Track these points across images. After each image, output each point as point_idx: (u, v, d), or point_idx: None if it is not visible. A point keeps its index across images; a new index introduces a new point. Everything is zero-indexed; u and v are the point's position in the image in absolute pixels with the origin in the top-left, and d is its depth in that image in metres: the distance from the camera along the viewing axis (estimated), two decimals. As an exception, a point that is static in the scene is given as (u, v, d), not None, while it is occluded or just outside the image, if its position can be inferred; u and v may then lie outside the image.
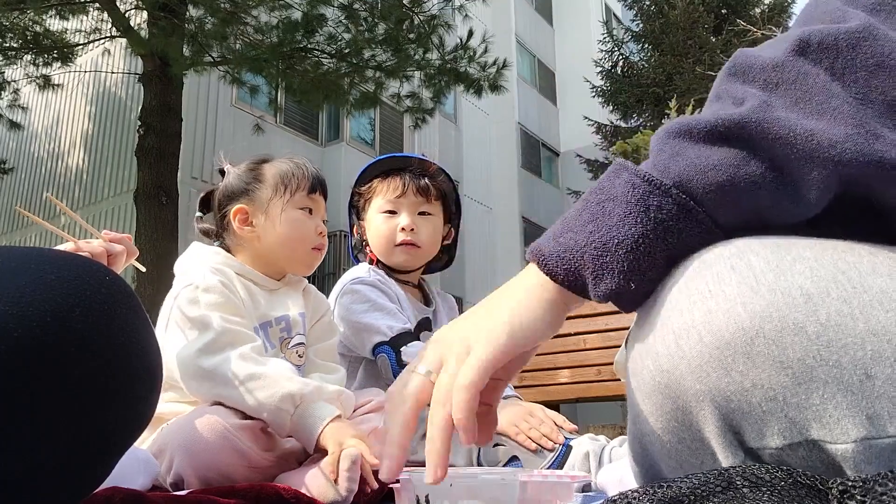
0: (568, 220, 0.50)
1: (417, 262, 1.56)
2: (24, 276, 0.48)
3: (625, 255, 0.46)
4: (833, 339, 0.39)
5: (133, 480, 0.87)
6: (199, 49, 5.68)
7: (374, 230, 1.53)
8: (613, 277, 0.47)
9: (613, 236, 0.47)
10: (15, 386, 0.44)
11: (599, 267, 0.47)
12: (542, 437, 1.19)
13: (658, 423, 0.47)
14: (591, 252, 0.47)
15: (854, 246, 0.43)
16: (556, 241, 0.50)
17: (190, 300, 1.12)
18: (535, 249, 0.51)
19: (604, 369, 2.46)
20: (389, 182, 1.52)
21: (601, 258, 0.47)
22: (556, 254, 0.49)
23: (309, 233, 1.28)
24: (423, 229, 1.51)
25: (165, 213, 5.47)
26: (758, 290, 0.41)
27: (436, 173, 1.56)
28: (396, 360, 1.33)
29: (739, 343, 0.41)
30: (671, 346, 0.44)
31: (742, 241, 0.45)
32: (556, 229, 0.51)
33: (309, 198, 1.30)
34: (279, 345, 1.24)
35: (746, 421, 0.42)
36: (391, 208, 1.51)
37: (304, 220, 1.28)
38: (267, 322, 1.24)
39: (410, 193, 1.50)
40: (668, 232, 0.46)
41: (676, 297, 0.45)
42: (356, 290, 1.45)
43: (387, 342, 1.35)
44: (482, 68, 6.39)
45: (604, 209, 0.48)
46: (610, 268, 0.47)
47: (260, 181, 1.29)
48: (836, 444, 0.39)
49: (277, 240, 1.26)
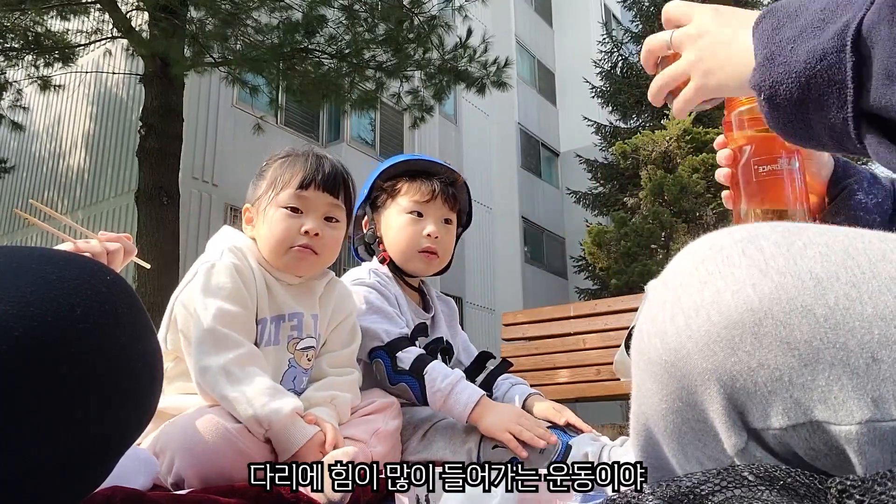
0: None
1: (432, 271, 1.54)
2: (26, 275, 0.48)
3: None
4: (841, 323, 0.39)
5: (133, 480, 0.87)
6: (200, 50, 5.68)
7: (397, 230, 1.49)
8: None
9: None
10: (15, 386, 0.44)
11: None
12: (534, 437, 1.20)
13: (663, 403, 0.47)
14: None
15: (865, 233, 0.44)
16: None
17: (204, 275, 1.13)
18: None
19: (603, 369, 2.46)
20: (419, 185, 1.49)
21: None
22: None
23: (289, 233, 1.20)
24: (445, 239, 1.50)
25: (166, 213, 5.47)
26: (767, 273, 0.41)
27: (462, 185, 1.57)
28: (392, 365, 1.32)
29: (747, 323, 0.41)
30: (680, 325, 0.44)
31: (753, 226, 0.45)
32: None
33: (297, 194, 1.21)
34: (287, 343, 1.22)
35: (751, 401, 0.42)
36: (417, 211, 1.48)
37: (283, 220, 1.20)
38: (280, 316, 1.22)
39: (439, 200, 1.48)
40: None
41: (687, 278, 0.45)
42: (355, 291, 1.45)
43: (383, 347, 1.34)
44: (483, 67, 6.39)
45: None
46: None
47: (262, 179, 1.27)
48: (840, 426, 0.39)
49: (262, 241, 1.23)
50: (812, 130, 0.51)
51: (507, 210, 13.91)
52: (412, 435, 1.36)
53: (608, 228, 11.00)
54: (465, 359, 1.62)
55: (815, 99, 0.49)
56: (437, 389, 1.27)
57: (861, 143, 0.49)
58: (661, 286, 0.48)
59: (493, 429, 1.23)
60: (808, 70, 0.49)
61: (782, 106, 0.52)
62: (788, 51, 0.51)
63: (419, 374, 1.29)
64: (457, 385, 1.27)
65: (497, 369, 1.57)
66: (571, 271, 13.93)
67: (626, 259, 10.29)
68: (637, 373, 0.50)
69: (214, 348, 1.08)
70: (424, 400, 1.29)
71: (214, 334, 1.08)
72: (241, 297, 1.14)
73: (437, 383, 1.27)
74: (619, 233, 10.51)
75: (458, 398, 1.26)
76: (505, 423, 1.22)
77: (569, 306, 2.77)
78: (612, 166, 12.50)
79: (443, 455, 1.30)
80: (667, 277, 0.48)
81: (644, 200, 10.66)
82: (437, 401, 1.27)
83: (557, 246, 15.27)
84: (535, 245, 14.56)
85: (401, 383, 1.31)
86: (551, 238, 15.16)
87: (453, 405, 1.26)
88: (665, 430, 0.48)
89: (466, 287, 11.69)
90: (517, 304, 12.53)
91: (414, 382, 1.29)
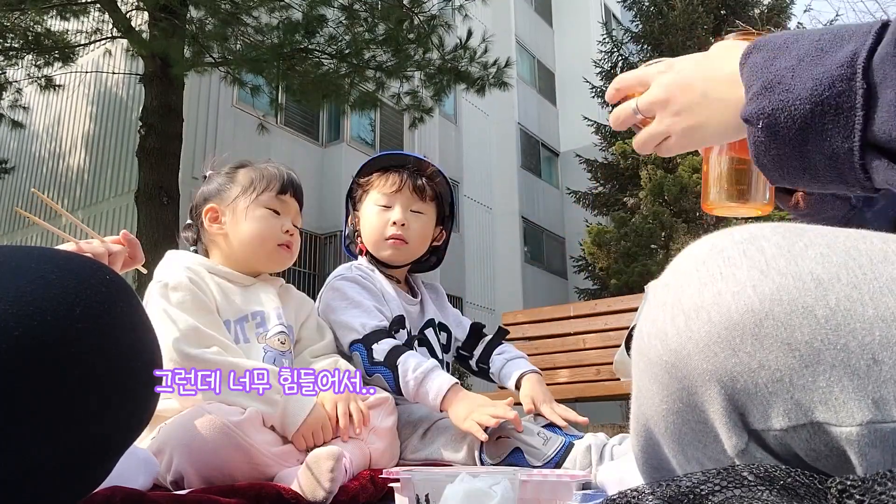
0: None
1: (403, 258, 1.58)
2: (25, 275, 0.48)
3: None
4: (841, 324, 0.39)
5: (133, 480, 0.87)
6: (200, 50, 5.67)
7: (367, 222, 1.56)
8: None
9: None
10: (14, 385, 0.44)
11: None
12: (489, 419, 1.21)
13: (663, 405, 0.47)
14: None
15: (866, 234, 0.44)
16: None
17: (160, 295, 1.17)
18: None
19: (603, 369, 2.46)
20: (388, 177, 1.55)
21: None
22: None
23: (273, 230, 1.31)
24: (413, 226, 1.54)
25: (166, 213, 5.47)
26: (768, 274, 0.41)
27: (433, 174, 1.59)
28: (368, 357, 1.35)
29: (748, 324, 0.41)
30: (680, 326, 0.44)
31: (755, 227, 0.45)
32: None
33: (277, 198, 1.33)
34: (255, 339, 1.27)
35: (752, 402, 0.42)
36: (385, 203, 1.54)
37: (268, 218, 1.32)
38: (243, 317, 1.27)
39: (406, 190, 1.53)
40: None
41: (687, 279, 0.45)
42: (336, 287, 1.48)
43: (360, 340, 1.37)
44: (483, 67, 6.39)
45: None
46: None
47: (232, 182, 1.35)
48: (841, 427, 0.39)
49: (242, 236, 1.31)
50: (807, 161, 0.50)
51: (507, 210, 13.91)
52: (412, 434, 1.36)
53: (608, 228, 11.00)
54: (461, 333, 1.66)
55: (818, 127, 0.49)
56: (409, 379, 1.29)
57: (865, 172, 0.48)
58: (661, 287, 0.48)
59: (456, 421, 1.25)
60: (814, 96, 0.48)
61: (782, 133, 0.50)
62: (790, 78, 0.50)
63: (393, 365, 1.31)
64: (429, 374, 1.28)
65: (493, 340, 1.61)
66: (571, 271, 13.92)
67: (626, 259, 10.29)
68: (637, 373, 0.50)
69: (196, 344, 1.12)
70: (399, 390, 1.31)
71: (193, 332, 1.13)
72: (206, 306, 1.20)
73: (409, 373, 1.29)
74: (619, 233, 10.51)
75: (429, 387, 1.27)
76: (466, 414, 1.23)
77: (569, 306, 2.78)
78: (612, 166, 12.50)
79: (443, 453, 1.30)
80: (667, 278, 0.48)
81: (644, 200, 10.66)
82: (409, 390, 1.29)
83: (557, 246, 15.27)
84: (534, 245, 14.56)
85: (376, 374, 1.33)
86: (551, 238, 15.16)
87: (425, 394, 1.28)
88: (665, 431, 0.48)
89: (466, 287, 11.69)
90: (517, 304, 12.53)
91: (388, 373, 1.32)
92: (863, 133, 0.47)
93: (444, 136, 11.69)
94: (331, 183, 8.97)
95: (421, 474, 0.78)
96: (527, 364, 1.55)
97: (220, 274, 1.30)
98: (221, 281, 1.29)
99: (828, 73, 0.48)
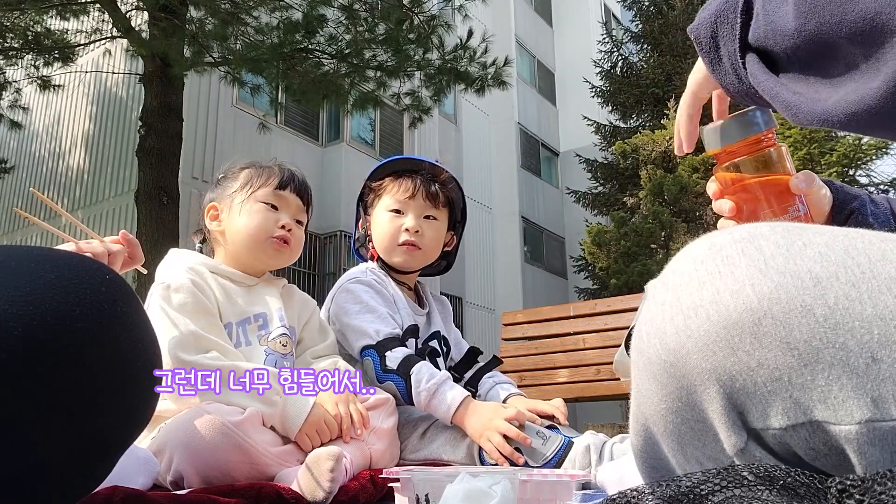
0: None
1: (416, 264, 1.57)
2: (25, 275, 0.48)
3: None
4: (840, 322, 0.39)
5: (133, 480, 0.87)
6: (200, 50, 5.66)
7: (380, 227, 1.55)
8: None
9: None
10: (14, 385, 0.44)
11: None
12: (513, 453, 1.21)
13: (662, 404, 0.47)
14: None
15: (865, 233, 0.44)
16: None
17: (162, 297, 1.17)
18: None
19: (602, 369, 2.46)
20: (401, 182, 1.54)
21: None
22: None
23: (266, 223, 1.30)
24: (426, 233, 1.53)
25: (166, 213, 5.47)
26: (767, 273, 0.42)
27: (447, 180, 1.58)
28: (380, 364, 1.34)
29: (747, 323, 0.41)
30: (679, 324, 0.44)
31: (753, 226, 0.46)
32: None
33: (275, 193, 1.33)
34: (257, 341, 1.26)
35: (751, 401, 0.42)
36: (399, 208, 1.53)
37: (263, 212, 1.31)
38: (245, 319, 1.27)
39: (420, 197, 1.53)
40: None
41: (686, 279, 0.45)
42: (351, 289, 1.47)
43: (373, 346, 1.36)
44: (483, 67, 6.39)
45: None
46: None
47: (233, 181, 1.35)
48: (840, 426, 0.39)
49: (237, 230, 1.31)
50: (722, 64, 0.64)
51: (506, 210, 13.91)
52: (411, 433, 1.37)
53: (608, 228, 11.00)
54: (456, 354, 1.66)
55: (720, 35, 0.63)
56: (423, 389, 1.28)
57: (745, 68, 0.60)
58: (660, 286, 0.48)
59: (474, 436, 1.25)
60: (715, 13, 0.64)
61: (704, 43, 0.65)
62: (703, 10, 0.67)
63: (406, 374, 1.31)
64: (441, 385, 1.28)
65: (486, 366, 1.60)
66: (571, 271, 13.92)
67: (626, 259, 10.29)
68: (636, 373, 0.50)
69: (194, 348, 1.12)
70: (410, 399, 1.30)
71: (191, 337, 1.13)
72: (207, 308, 1.20)
73: (422, 383, 1.29)
74: (619, 232, 10.51)
75: (442, 399, 1.27)
76: (485, 430, 1.23)
77: (568, 306, 2.77)
78: (611, 166, 12.50)
79: (442, 453, 1.30)
80: (666, 278, 0.48)
81: (644, 200, 10.66)
82: (421, 400, 1.29)
83: (557, 246, 15.27)
84: (534, 245, 14.56)
85: (388, 382, 1.33)
86: (551, 238, 15.16)
87: (437, 406, 1.28)
88: (664, 431, 0.48)
89: (466, 287, 11.69)
90: (517, 304, 12.53)
91: (401, 381, 1.31)
92: (742, 36, 0.60)
93: (443, 136, 11.69)
94: (330, 183, 8.97)
95: (421, 474, 0.78)
96: (515, 388, 1.55)
97: (223, 274, 1.30)
98: (224, 281, 1.29)
99: (722, 2, 0.63)
